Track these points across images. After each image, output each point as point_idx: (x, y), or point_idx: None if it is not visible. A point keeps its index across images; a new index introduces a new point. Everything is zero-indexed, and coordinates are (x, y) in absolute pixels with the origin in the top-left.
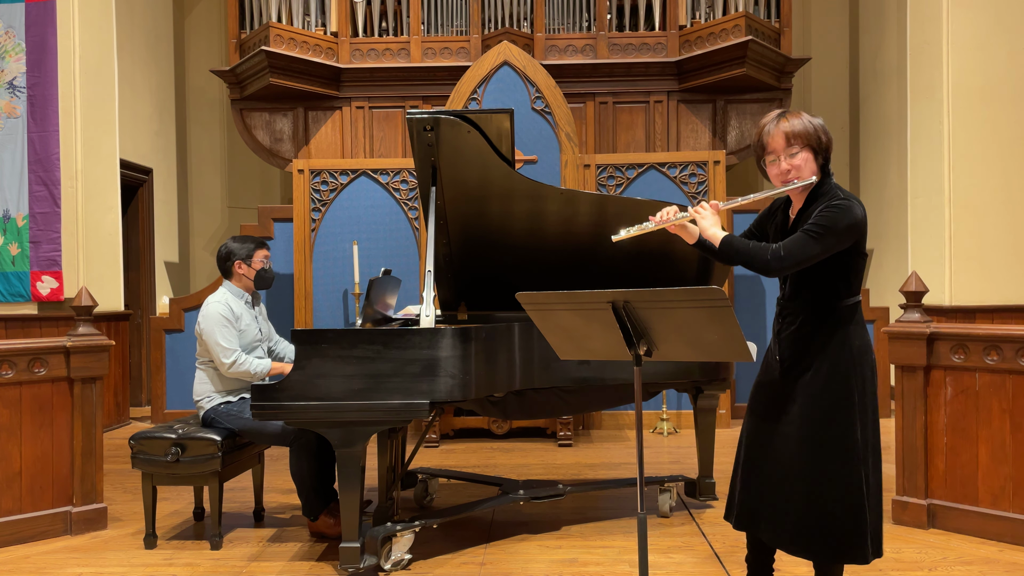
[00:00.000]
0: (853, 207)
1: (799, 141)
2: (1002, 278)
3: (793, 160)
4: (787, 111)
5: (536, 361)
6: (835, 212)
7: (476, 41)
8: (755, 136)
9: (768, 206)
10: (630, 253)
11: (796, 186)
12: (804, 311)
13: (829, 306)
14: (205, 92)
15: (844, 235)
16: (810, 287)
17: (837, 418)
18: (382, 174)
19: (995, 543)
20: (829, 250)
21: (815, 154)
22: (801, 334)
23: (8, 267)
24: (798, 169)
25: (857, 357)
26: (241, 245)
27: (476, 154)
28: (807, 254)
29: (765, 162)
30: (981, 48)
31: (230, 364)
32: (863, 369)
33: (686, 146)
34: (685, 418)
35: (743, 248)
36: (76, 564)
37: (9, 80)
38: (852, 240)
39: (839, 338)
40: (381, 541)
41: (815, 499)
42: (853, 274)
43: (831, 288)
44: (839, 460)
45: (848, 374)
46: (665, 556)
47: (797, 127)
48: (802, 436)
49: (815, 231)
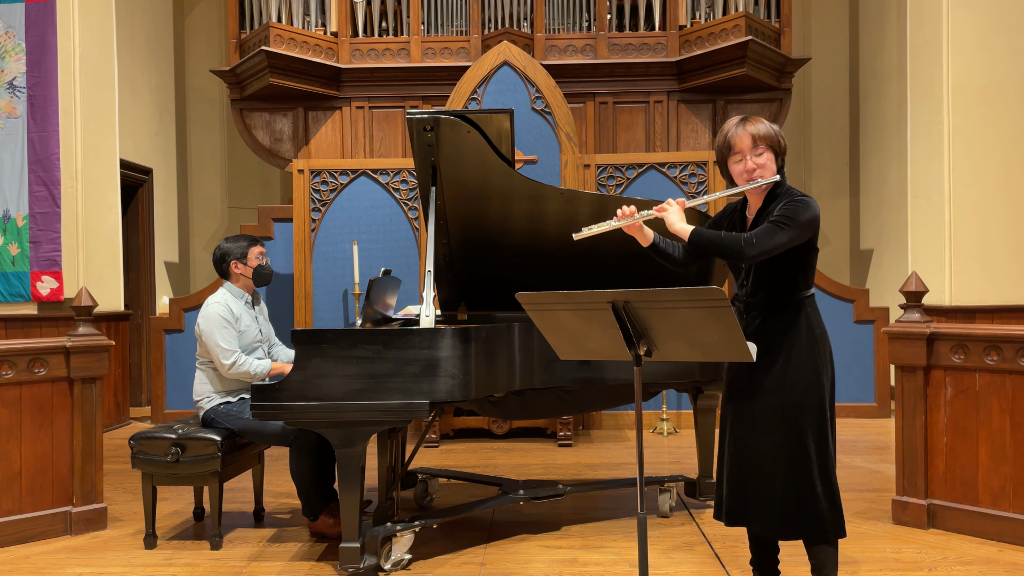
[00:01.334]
0: (811, 203)
1: (764, 143)
2: (1002, 278)
3: (758, 159)
4: (748, 116)
5: (536, 361)
6: (797, 206)
7: (476, 41)
8: (719, 139)
9: (722, 209)
10: (630, 253)
11: (760, 183)
12: (767, 305)
13: (789, 299)
14: (205, 92)
15: (806, 227)
16: (771, 282)
17: (808, 403)
18: (382, 174)
19: (995, 543)
20: (794, 241)
21: (776, 156)
22: (766, 327)
23: (8, 267)
24: (763, 168)
25: (819, 345)
26: (235, 244)
27: (476, 154)
28: (776, 242)
29: (730, 162)
30: (981, 48)
31: (230, 365)
32: (825, 355)
33: (686, 146)
34: (685, 418)
35: (715, 238)
36: (76, 564)
37: (9, 80)
38: (811, 233)
39: (802, 328)
40: (381, 541)
41: (795, 483)
42: (809, 267)
43: (791, 282)
44: (814, 443)
45: (814, 361)
46: (665, 556)
47: (762, 130)
48: (777, 424)
49: (782, 222)
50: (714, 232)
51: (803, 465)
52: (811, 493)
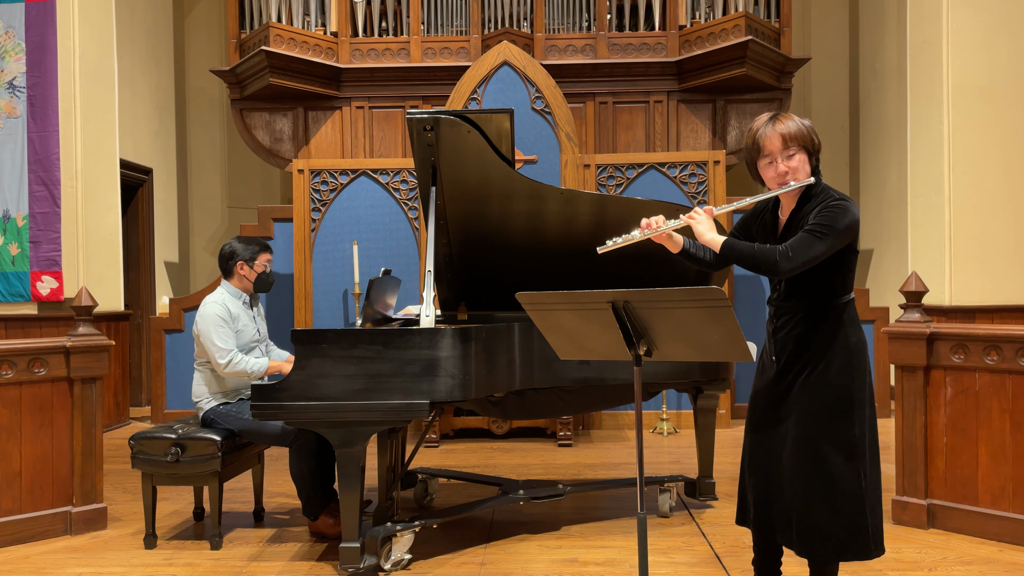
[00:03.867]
0: (850, 206)
1: (795, 143)
2: (1002, 278)
3: (790, 162)
4: (779, 114)
5: (536, 361)
6: (835, 211)
7: (476, 41)
8: (748, 139)
9: (751, 209)
10: (630, 253)
11: (793, 187)
12: (801, 310)
13: (826, 304)
14: (205, 92)
15: (845, 234)
16: (806, 286)
17: (836, 416)
18: (382, 174)
19: (995, 543)
20: (833, 250)
21: (809, 156)
22: (798, 333)
23: (8, 267)
24: (795, 171)
25: (855, 355)
26: (245, 247)
27: (476, 154)
28: (814, 253)
29: (760, 165)
30: (981, 48)
31: (226, 364)
32: (860, 367)
33: (686, 146)
34: (685, 418)
35: (747, 251)
36: (76, 564)
37: (9, 80)
38: (851, 238)
39: (837, 336)
40: (381, 541)
41: (815, 498)
42: (848, 271)
43: (827, 286)
44: (838, 458)
45: (846, 372)
46: (665, 556)
47: (793, 129)
48: (801, 435)
49: (820, 231)
50: (747, 245)
51: (827, 481)
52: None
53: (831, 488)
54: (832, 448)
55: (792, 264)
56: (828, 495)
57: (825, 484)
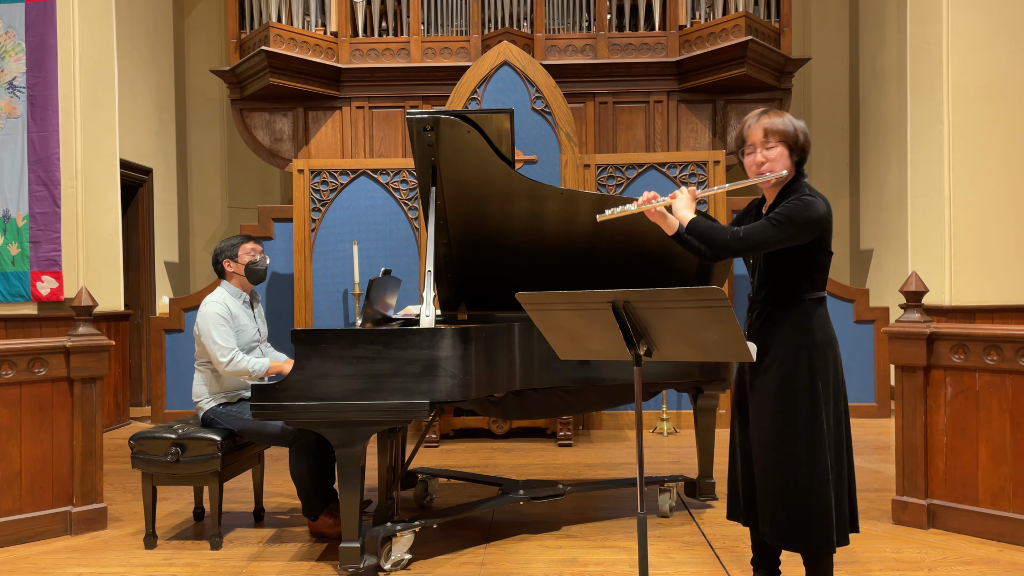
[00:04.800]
0: (817, 203)
1: (775, 136)
2: (1002, 278)
3: (768, 153)
4: (770, 109)
5: (536, 361)
6: (798, 205)
7: (476, 41)
8: (737, 130)
9: (746, 206)
10: (630, 253)
11: (768, 178)
12: (769, 305)
13: (792, 300)
14: (205, 92)
15: (805, 228)
16: (775, 282)
17: (800, 409)
18: (382, 174)
19: (995, 543)
20: (788, 240)
21: (790, 151)
22: (766, 328)
23: (8, 267)
24: (772, 162)
25: (819, 351)
26: (227, 244)
27: (476, 154)
28: (765, 239)
29: (743, 154)
30: (981, 48)
31: (227, 363)
32: (826, 362)
33: (686, 146)
34: (685, 418)
35: (707, 228)
36: (76, 564)
37: (9, 80)
38: (813, 235)
39: (802, 331)
40: (381, 541)
41: (784, 489)
42: (816, 270)
43: (794, 283)
44: (803, 450)
45: (810, 366)
46: (665, 556)
47: (776, 124)
48: (771, 427)
49: (776, 219)
50: (707, 222)
51: (790, 474)
52: (796, 504)
53: (793, 481)
54: (794, 442)
55: (740, 245)
56: (790, 487)
57: (788, 476)
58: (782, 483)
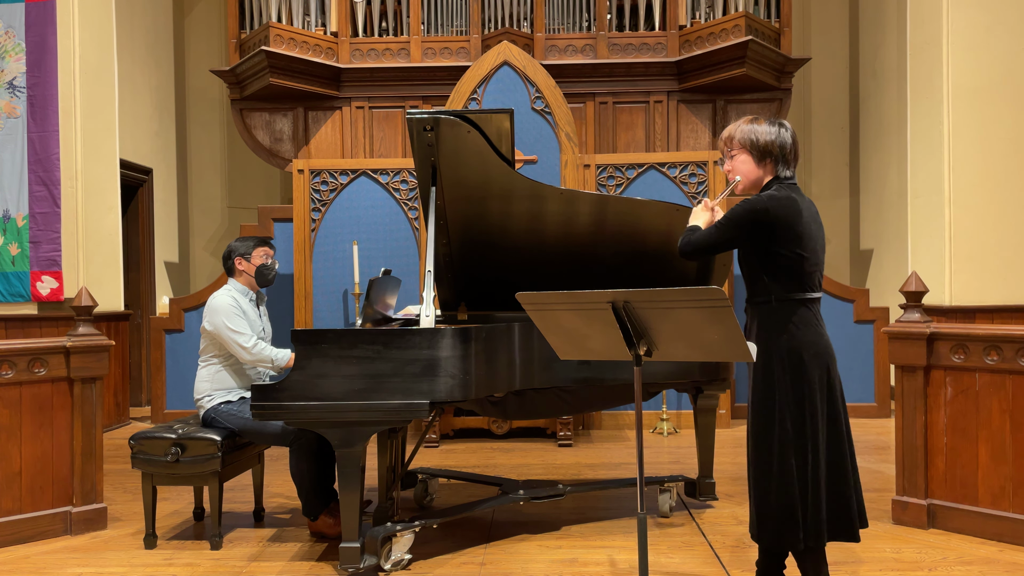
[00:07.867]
0: (759, 200)
1: (735, 144)
2: (1002, 278)
3: (732, 162)
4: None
5: (536, 361)
6: (742, 205)
7: (476, 41)
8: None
9: None
10: (630, 253)
11: (732, 184)
12: (750, 307)
13: (762, 302)
14: (205, 92)
15: (745, 225)
16: (747, 283)
17: (764, 411)
18: (382, 174)
19: (995, 543)
20: (734, 240)
21: (755, 156)
22: (754, 331)
23: (8, 267)
24: (734, 170)
25: (796, 353)
26: (242, 243)
27: (476, 154)
28: (709, 240)
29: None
30: (981, 48)
31: (251, 347)
32: (800, 365)
33: (686, 146)
34: (685, 418)
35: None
36: (76, 564)
37: (9, 80)
38: (760, 232)
39: (768, 333)
40: (381, 541)
41: (755, 486)
42: (782, 271)
43: (761, 285)
44: (774, 451)
45: (784, 370)
46: (665, 556)
47: (734, 132)
48: (750, 429)
49: (720, 221)
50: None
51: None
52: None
53: (767, 480)
54: (769, 442)
55: (688, 248)
56: (758, 485)
57: (755, 474)
58: (752, 481)
